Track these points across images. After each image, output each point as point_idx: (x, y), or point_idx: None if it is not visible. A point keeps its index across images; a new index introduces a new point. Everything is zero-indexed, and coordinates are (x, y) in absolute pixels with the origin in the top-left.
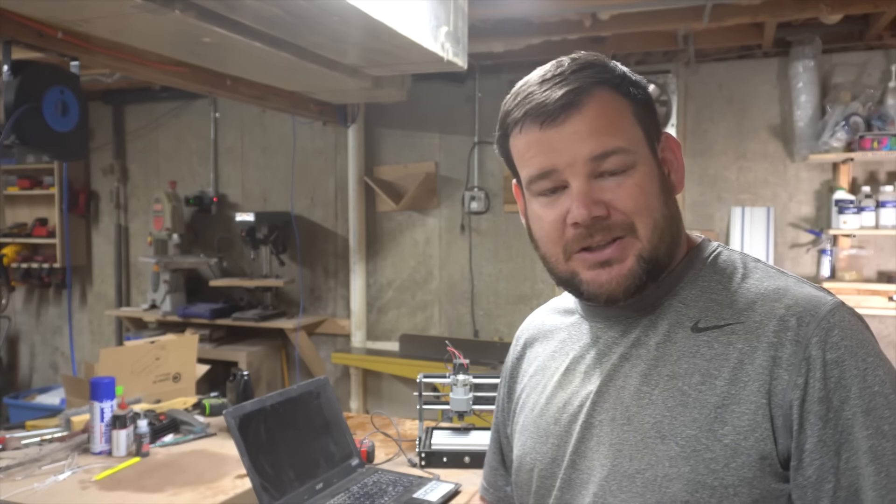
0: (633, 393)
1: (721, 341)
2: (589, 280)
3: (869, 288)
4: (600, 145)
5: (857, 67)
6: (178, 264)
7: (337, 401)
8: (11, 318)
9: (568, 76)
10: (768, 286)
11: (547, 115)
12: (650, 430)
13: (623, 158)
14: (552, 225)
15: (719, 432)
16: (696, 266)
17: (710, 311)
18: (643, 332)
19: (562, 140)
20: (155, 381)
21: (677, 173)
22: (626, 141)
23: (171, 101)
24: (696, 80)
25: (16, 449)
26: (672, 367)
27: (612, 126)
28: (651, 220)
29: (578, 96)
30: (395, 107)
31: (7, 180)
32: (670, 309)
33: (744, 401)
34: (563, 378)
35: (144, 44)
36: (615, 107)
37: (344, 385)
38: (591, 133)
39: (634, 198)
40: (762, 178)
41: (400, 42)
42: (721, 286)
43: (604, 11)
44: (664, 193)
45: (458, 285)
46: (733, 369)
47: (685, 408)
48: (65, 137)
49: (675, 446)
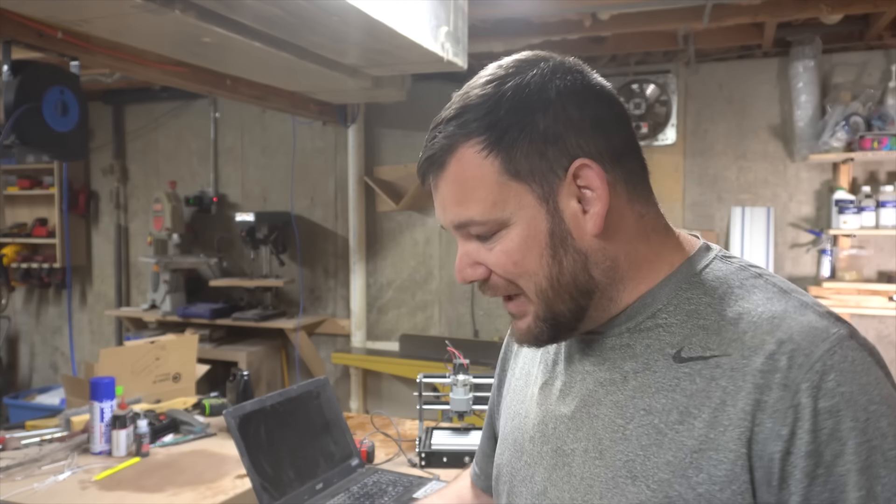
0: (607, 424)
1: (704, 376)
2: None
3: (869, 288)
4: (457, 216)
5: (857, 67)
6: (178, 264)
7: (337, 401)
8: (11, 318)
9: (436, 131)
10: (763, 312)
11: (421, 175)
12: (621, 469)
13: (479, 229)
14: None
15: (694, 480)
16: (679, 284)
17: (695, 337)
18: (619, 356)
19: (436, 200)
20: (155, 381)
21: (597, 206)
22: (479, 211)
23: (171, 101)
24: (696, 80)
25: (16, 449)
26: (649, 401)
27: (463, 195)
28: (532, 284)
29: (443, 156)
30: (395, 107)
31: (7, 180)
32: (649, 332)
33: (722, 448)
34: (541, 394)
35: (144, 44)
36: (473, 170)
37: (344, 385)
38: (449, 201)
39: (503, 265)
40: (762, 178)
41: (400, 42)
42: (711, 308)
43: (604, 11)
44: (552, 249)
45: (458, 285)
46: (714, 410)
47: (660, 448)
48: (65, 137)
49: (646, 490)
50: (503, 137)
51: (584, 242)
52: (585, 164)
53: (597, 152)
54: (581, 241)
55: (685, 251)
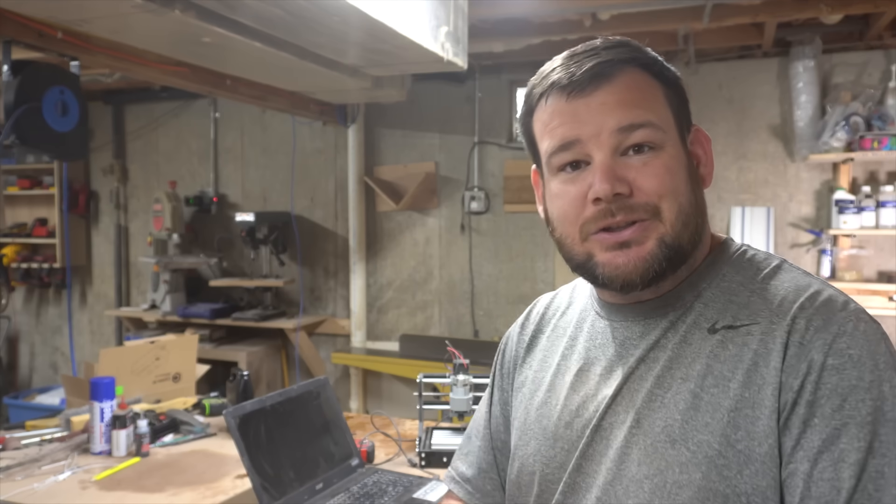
0: (646, 396)
1: (736, 342)
2: (605, 262)
3: (869, 288)
4: (628, 117)
5: (857, 67)
6: (178, 264)
7: (337, 401)
8: (11, 318)
9: (600, 51)
10: (788, 287)
11: (574, 85)
12: (660, 434)
13: (651, 133)
14: (571, 203)
15: (732, 437)
16: (719, 265)
17: (728, 311)
18: (663, 334)
19: (588, 111)
20: (155, 381)
21: (706, 167)
22: (657, 117)
23: (171, 101)
24: (696, 80)
25: (16, 449)
26: (685, 370)
27: (642, 100)
28: (676, 204)
29: (609, 69)
30: (395, 107)
31: (7, 180)
32: (692, 310)
33: (757, 405)
34: (577, 380)
35: (144, 44)
36: (646, 84)
37: (344, 385)
38: (619, 104)
39: (661, 178)
40: (762, 178)
41: (400, 42)
42: (742, 287)
43: (604, 11)
44: (692, 181)
45: (458, 285)
46: (747, 371)
47: (697, 411)
48: (65, 137)
49: (686, 451)
50: (661, 73)
51: (702, 190)
52: (700, 130)
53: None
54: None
55: (717, 238)
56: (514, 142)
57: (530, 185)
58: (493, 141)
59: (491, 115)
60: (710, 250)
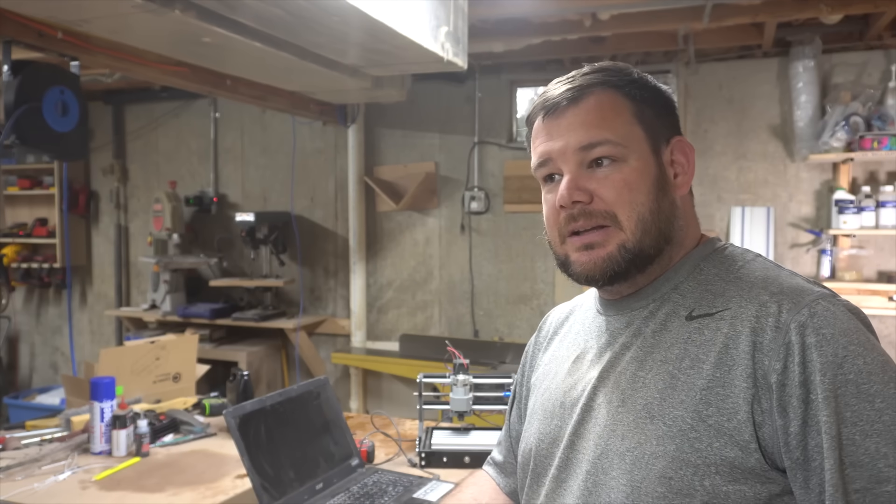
0: (630, 378)
1: (710, 328)
2: (575, 260)
3: (869, 288)
4: (588, 136)
5: (857, 67)
6: (178, 264)
7: (337, 401)
8: (11, 318)
9: (577, 78)
10: (759, 276)
11: (550, 108)
12: (641, 411)
13: (610, 149)
14: (551, 210)
15: (704, 413)
16: (696, 261)
17: (704, 300)
18: (643, 323)
19: (559, 130)
20: (155, 381)
21: (685, 176)
22: (616, 135)
23: (171, 101)
24: (696, 80)
25: (16, 449)
26: (665, 353)
27: (602, 120)
28: (635, 214)
29: (579, 93)
30: (395, 107)
31: (7, 180)
32: (669, 300)
33: (728, 384)
34: (573, 366)
35: (144, 44)
36: (612, 105)
37: (344, 385)
38: (582, 125)
39: (617, 190)
40: (762, 178)
41: (400, 42)
42: (718, 277)
43: (604, 11)
44: (657, 190)
45: (458, 285)
46: (718, 353)
47: (674, 390)
48: (65, 137)
49: (662, 426)
50: (636, 94)
51: (675, 197)
52: (682, 140)
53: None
54: (674, 195)
55: (705, 236)
56: (514, 142)
57: (530, 185)
58: (493, 141)
59: (491, 115)
60: (700, 244)
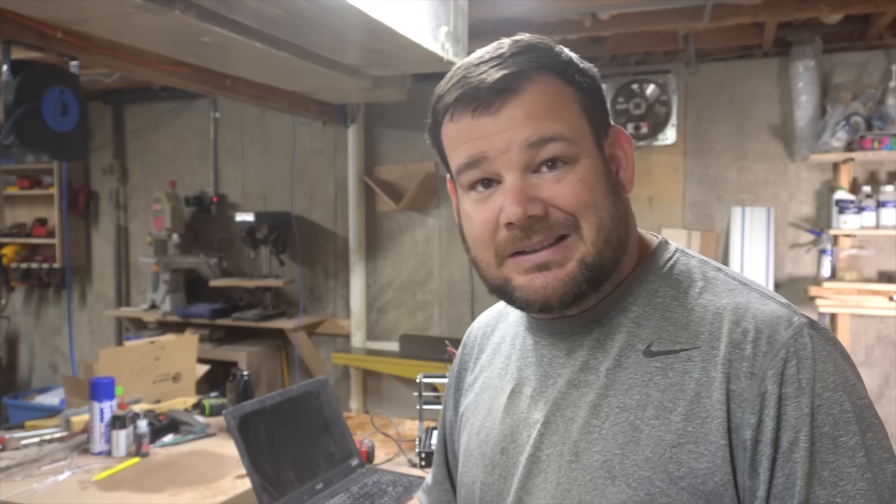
0: (582, 426)
1: (676, 369)
2: (522, 285)
3: (869, 288)
4: (538, 131)
5: (858, 67)
6: (177, 264)
7: (337, 401)
8: (11, 318)
9: (507, 59)
10: (727, 303)
11: (480, 100)
12: (599, 470)
13: (564, 147)
14: (483, 225)
15: (675, 474)
16: (648, 277)
17: (664, 331)
18: (591, 355)
19: (496, 127)
20: (155, 381)
21: (627, 171)
22: (569, 129)
23: (171, 101)
24: (697, 80)
25: (15, 449)
26: (623, 398)
27: (552, 111)
28: (596, 220)
29: (517, 81)
30: (395, 107)
31: (7, 180)
32: (620, 328)
33: (702, 440)
34: (510, 402)
35: (144, 44)
36: (557, 93)
37: (344, 385)
38: (528, 118)
39: (577, 193)
40: (762, 178)
41: (400, 42)
42: (676, 302)
43: (604, 11)
44: (611, 191)
45: (458, 285)
46: (689, 403)
47: (637, 445)
48: (64, 137)
49: (626, 489)
50: (574, 77)
51: (628, 198)
52: (619, 130)
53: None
54: (623, 194)
55: (647, 243)
56: None
57: None
58: None
59: None
60: (640, 259)
